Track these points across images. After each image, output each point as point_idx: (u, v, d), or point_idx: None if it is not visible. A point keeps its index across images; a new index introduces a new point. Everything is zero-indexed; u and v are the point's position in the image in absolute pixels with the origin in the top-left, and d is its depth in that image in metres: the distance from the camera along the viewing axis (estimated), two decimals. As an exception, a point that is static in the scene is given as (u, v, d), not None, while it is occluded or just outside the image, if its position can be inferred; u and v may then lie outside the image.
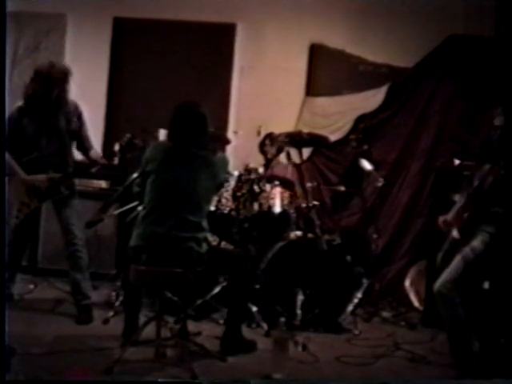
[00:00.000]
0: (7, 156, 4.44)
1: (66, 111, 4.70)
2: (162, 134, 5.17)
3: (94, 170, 4.85)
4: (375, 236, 5.48)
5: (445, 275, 3.77)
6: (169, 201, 3.97)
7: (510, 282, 3.90)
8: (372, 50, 6.04)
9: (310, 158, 6.06)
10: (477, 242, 3.74)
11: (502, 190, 3.66)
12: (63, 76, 4.61)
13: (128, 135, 4.58)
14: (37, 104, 4.61)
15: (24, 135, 4.60)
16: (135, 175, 4.45)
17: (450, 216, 3.86)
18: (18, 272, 4.88)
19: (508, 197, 3.66)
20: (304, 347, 4.27)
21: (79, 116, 4.78)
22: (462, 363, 3.79)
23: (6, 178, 4.33)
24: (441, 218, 3.91)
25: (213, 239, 4.61)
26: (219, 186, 4.24)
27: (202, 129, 4.09)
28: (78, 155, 4.91)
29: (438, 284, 3.79)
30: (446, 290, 3.74)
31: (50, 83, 4.56)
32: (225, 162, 4.23)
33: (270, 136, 5.49)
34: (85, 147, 4.82)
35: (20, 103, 4.65)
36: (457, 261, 3.76)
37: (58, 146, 4.68)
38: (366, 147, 5.47)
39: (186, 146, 4.04)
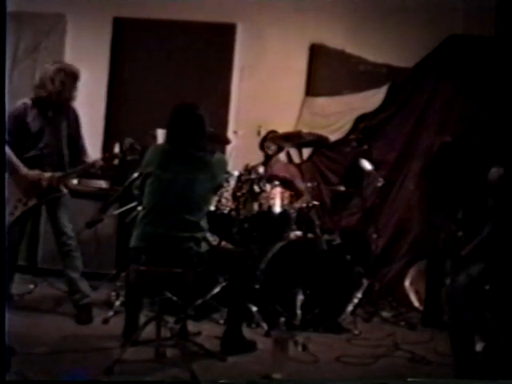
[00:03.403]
0: (8, 151, 4.45)
1: (66, 113, 4.73)
2: (160, 133, 5.16)
3: (93, 170, 4.84)
4: (375, 236, 5.47)
5: (457, 280, 3.75)
6: (167, 201, 3.98)
7: (510, 282, 3.89)
8: (372, 50, 6.04)
9: (310, 157, 6.06)
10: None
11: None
12: (76, 76, 4.66)
13: (129, 140, 4.57)
14: (46, 103, 4.63)
15: (27, 132, 4.60)
16: (135, 175, 4.45)
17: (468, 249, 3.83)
18: (14, 271, 4.84)
19: (508, 197, 3.66)
20: (304, 347, 4.26)
21: (76, 119, 4.82)
22: (463, 364, 3.78)
23: (7, 176, 4.33)
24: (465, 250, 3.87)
25: (213, 239, 4.61)
26: (218, 186, 4.24)
27: (200, 130, 4.09)
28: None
29: (448, 289, 3.77)
30: (456, 296, 3.71)
31: (67, 83, 4.60)
32: (223, 163, 4.23)
33: (272, 132, 5.49)
34: (79, 150, 4.82)
35: (25, 100, 4.64)
36: (470, 269, 3.73)
37: (57, 146, 4.69)
38: (365, 147, 5.47)
39: (184, 147, 4.05)
